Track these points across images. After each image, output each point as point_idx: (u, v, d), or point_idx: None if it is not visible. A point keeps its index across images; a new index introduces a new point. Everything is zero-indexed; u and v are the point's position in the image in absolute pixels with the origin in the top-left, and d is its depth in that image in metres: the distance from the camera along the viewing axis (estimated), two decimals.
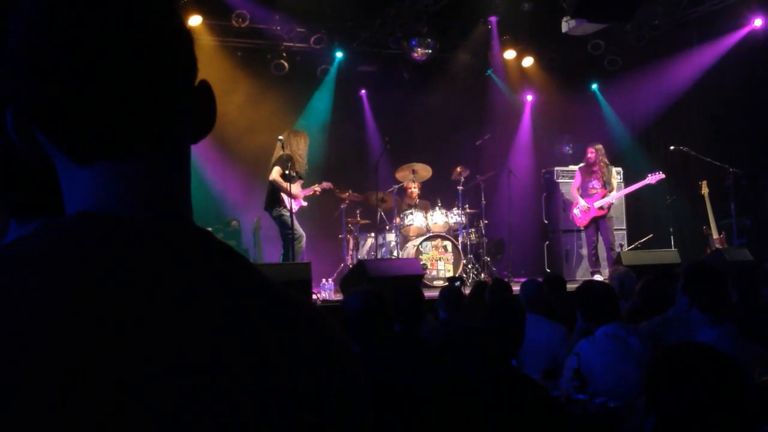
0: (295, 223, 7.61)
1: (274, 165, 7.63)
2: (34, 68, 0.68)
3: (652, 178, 8.55)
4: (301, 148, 7.69)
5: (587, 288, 3.91)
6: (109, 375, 0.60)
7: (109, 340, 0.61)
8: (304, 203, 7.92)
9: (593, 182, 8.71)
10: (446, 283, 6.96)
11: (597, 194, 8.65)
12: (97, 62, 0.67)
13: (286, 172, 7.44)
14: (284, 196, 7.57)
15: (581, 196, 8.80)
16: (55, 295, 0.62)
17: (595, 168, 8.72)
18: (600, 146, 8.84)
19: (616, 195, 8.72)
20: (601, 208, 8.61)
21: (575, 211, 8.88)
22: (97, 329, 0.61)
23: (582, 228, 9.05)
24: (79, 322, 0.61)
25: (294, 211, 7.61)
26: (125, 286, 0.65)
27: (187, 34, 0.75)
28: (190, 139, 0.77)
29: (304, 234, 7.68)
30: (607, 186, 8.68)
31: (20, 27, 0.69)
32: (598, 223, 8.68)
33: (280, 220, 7.66)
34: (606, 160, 8.82)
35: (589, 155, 8.75)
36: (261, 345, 0.67)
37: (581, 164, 9.11)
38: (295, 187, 7.61)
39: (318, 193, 8.19)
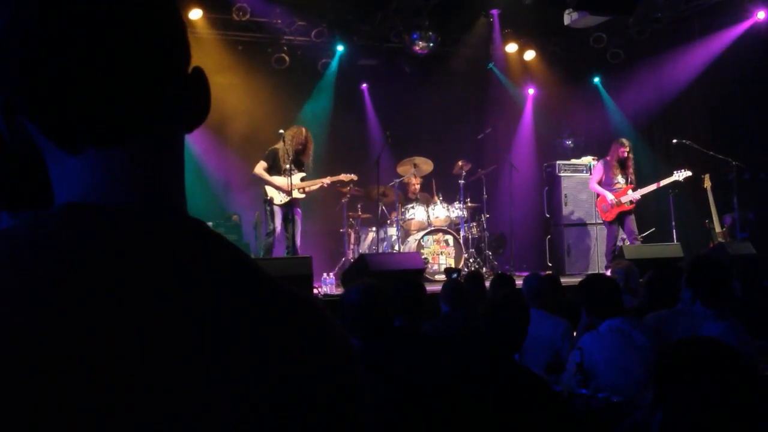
0: (275, 217, 7.73)
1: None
2: (20, 55, 0.66)
3: (679, 175, 8.47)
4: (294, 142, 7.72)
5: (591, 282, 3.89)
6: (90, 368, 0.58)
7: (90, 333, 0.60)
8: (300, 195, 7.88)
9: (618, 177, 8.64)
10: (451, 276, 6.94)
11: (622, 189, 8.60)
12: (85, 47, 0.66)
13: (286, 166, 7.51)
14: (268, 189, 7.73)
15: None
16: (36, 287, 0.61)
17: (629, 164, 8.66)
18: (629, 142, 8.76)
19: (644, 190, 8.64)
20: (629, 202, 8.56)
21: (602, 205, 8.82)
22: (78, 322, 0.60)
23: (604, 222, 8.98)
24: (60, 315, 0.60)
25: (280, 203, 7.69)
26: (110, 279, 0.63)
27: (179, 20, 0.73)
28: (183, 127, 0.75)
29: (277, 229, 7.75)
30: (629, 181, 8.63)
31: (5, 14, 0.67)
32: (624, 217, 8.64)
33: (265, 212, 7.90)
34: (632, 156, 8.76)
35: (624, 151, 8.62)
36: (254, 338, 0.65)
37: (605, 158, 8.90)
38: (280, 179, 7.65)
39: (326, 185, 8.19)
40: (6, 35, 0.67)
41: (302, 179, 7.88)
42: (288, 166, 7.50)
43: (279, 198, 7.71)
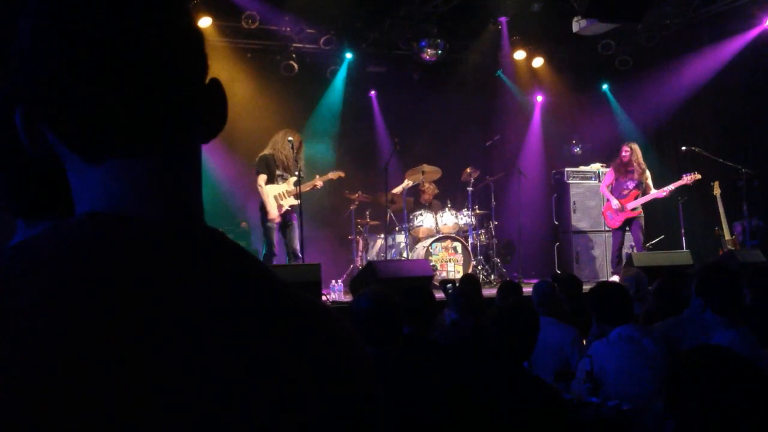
0: (272, 236, 7.41)
1: (256, 173, 7.43)
2: (44, 65, 0.67)
3: (688, 179, 8.44)
4: (285, 147, 7.44)
5: (601, 290, 3.88)
6: (111, 378, 0.59)
7: (113, 343, 0.60)
8: (295, 201, 7.47)
9: (627, 182, 8.59)
10: (447, 288, 6.92)
11: (630, 195, 8.55)
12: (107, 59, 0.67)
13: (278, 173, 7.35)
14: (267, 203, 7.40)
15: (613, 195, 8.69)
16: (60, 297, 0.61)
17: (631, 168, 8.61)
18: (635, 145, 8.71)
19: (650, 196, 8.59)
20: (634, 209, 8.52)
21: (608, 212, 8.78)
22: (101, 332, 0.61)
23: (611, 229, 8.95)
24: (83, 324, 0.60)
25: (277, 220, 7.41)
26: (132, 288, 0.64)
27: (198, 33, 0.74)
28: (200, 138, 0.76)
29: (275, 251, 7.41)
30: (640, 187, 8.58)
31: (30, 24, 0.69)
32: (631, 224, 8.59)
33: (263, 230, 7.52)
34: (641, 161, 8.70)
35: (623, 154, 8.58)
36: (273, 345, 0.67)
37: (614, 162, 8.90)
38: (276, 188, 7.39)
39: (318, 186, 7.86)
40: (29, 48, 0.68)
41: (295, 183, 7.51)
42: (280, 173, 7.42)
43: (275, 212, 7.37)
